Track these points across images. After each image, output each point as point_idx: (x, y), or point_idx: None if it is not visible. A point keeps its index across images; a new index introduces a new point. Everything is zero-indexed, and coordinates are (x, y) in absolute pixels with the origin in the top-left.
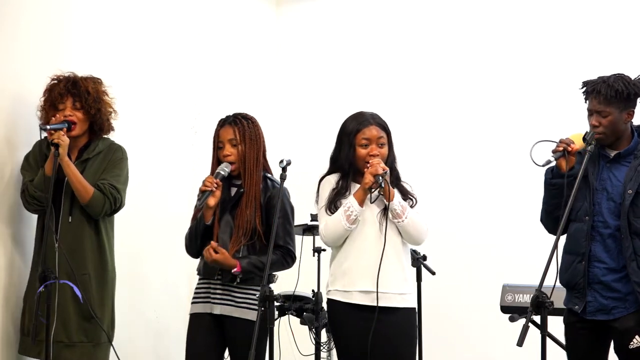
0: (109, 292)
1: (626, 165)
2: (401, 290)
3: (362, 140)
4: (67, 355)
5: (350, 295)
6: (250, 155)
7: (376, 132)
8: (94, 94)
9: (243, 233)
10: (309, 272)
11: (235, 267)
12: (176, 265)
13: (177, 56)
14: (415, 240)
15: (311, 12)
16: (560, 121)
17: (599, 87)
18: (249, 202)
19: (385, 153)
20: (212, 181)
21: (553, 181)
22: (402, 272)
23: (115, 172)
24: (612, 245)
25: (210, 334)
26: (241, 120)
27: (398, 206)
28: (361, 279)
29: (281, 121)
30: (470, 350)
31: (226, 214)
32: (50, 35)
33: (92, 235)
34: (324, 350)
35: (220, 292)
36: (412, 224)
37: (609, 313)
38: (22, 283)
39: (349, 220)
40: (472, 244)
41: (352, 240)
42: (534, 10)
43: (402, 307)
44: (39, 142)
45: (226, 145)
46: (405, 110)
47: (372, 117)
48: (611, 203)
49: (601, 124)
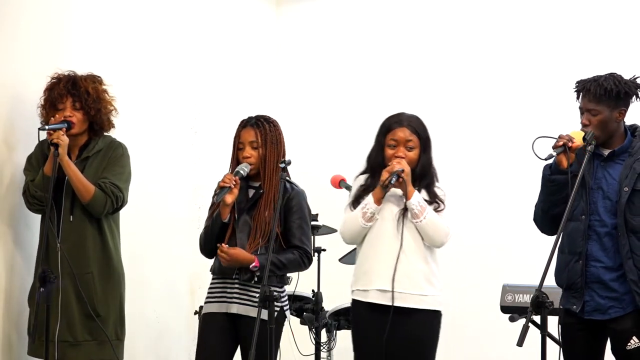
0: (114, 291)
1: (620, 164)
2: (421, 291)
3: (390, 141)
4: (72, 355)
5: (367, 294)
6: (271, 159)
7: (405, 134)
8: (93, 94)
9: (261, 235)
10: (309, 272)
11: (253, 262)
12: (176, 265)
13: (177, 56)
14: (433, 242)
15: (311, 12)
16: (559, 121)
17: (589, 86)
18: (268, 204)
19: (413, 157)
20: (231, 178)
21: (552, 177)
22: (423, 272)
23: (116, 170)
24: (609, 244)
25: (223, 334)
26: (263, 123)
27: (417, 206)
28: (378, 278)
29: (281, 121)
30: (470, 350)
31: (244, 214)
32: (50, 35)
33: (95, 234)
34: (324, 350)
35: (238, 291)
36: (431, 225)
37: (605, 313)
38: (23, 284)
39: (365, 217)
40: (472, 244)
41: (370, 239)
42: (533, 8)
43: (421, 309)
44: (40, 142)
45: (247, 146)
46: (404, 110)
47: (408, 119)
48: (607, 201)
49: (591, 122)
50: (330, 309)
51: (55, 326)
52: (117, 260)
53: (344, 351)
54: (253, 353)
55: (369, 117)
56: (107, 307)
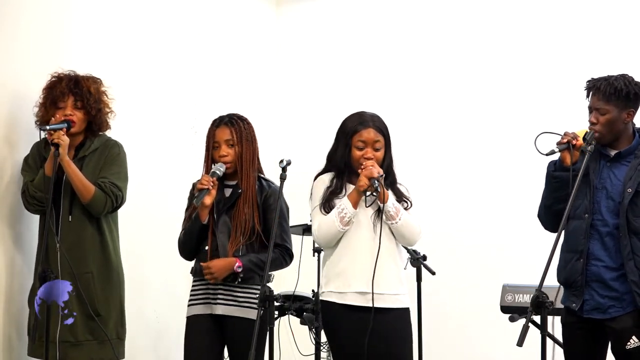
0: (114, 290)
1: (626, 165)
2: (395, 291)
3: (358, 142)
4: (74, 355)
5: (345, 296)
6: (247, 156)
7: (373, 135)
8: (95, 94)
9: (242, 232)
10: (309, 272)
11: (236, 263)
12: (176, 265)
13: (177, 56)
14: (409, 242)
15: (311, 12)
16: (559, 120)
17: (600, 84)
18: (247, 202)
19: (381, 157)
20: (209, 180)
21: (555, 174)
22: (397, 273)
23: (114, 169)
24: (610, 244)
25: (209, 336)
26: (237, 121)
27: (392, 208)
28: (356, 280)
29: (281, 121)
30: (470, 350)
31: (222, 214)
32: (50, 35)
33: (94, 233)
34: (324, 350)
35: (222, 293)
36: (406, 225)
37: (604, 312)
38: (23, 285)
39: (343, 222)
40: (472, 244)
41: (346, 242)
42: (534, 7)
43: (395, 308)
44: (37, 143)
45: (222, 145)
46: (404, 110)
47: (372, 119)
48: (610, 202)
49: (599, 121)
50: None
51: (56, 327)
52: (117, 260)
53: None
54: (253, 353)
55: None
56: (108, 306)
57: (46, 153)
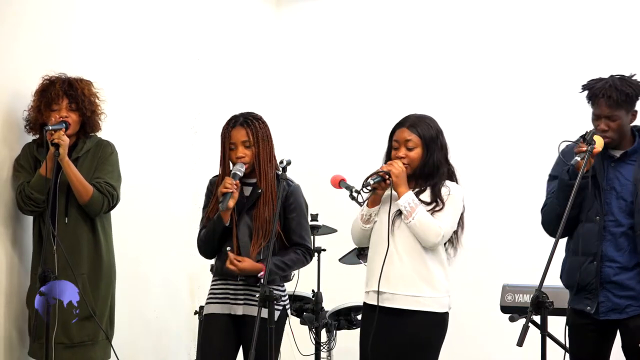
0: (106, 291)
1: (631, 164)
2: (416, 292)
3: (394, 142)
4: (67, 357)
5: (367, 295)
6: (264, 156)
7: (405, 134)
8: (88, 95)
9: (263, 234)
10: (309, 272)
11: (261, 270)
12: (176, 265)
13: (177, 56)
14: (424, 242)
15: (311, 12)
16: (558, 121)
17: (609, 92)
18: (267, 203)
19: (415, 156)
20: (232, 182)
21: (571, 182)
22: (421, 273)
23: (108, 169)
24: (625, 244)
25: (226, 335)
26: (253, 121)
27: (406, 206)
28: (372, 279)
29: (281, 121)
30: (470, 350)
31: (244, 214)
32: (51, 35)
33: (89, 234)
34: (324, 350)
35: (243, 293)
36: (420, 225)
37: (622, 312)
38: (22, 285)
39: (362, 219)
40: (472, 244)
41: (372, 241)
42: (536, 9)
43: (415, 311)
44: (27, 145)
45: (239, 146)
46: (404, 111)
47: (408, 119)
48: (621, 202)
49: (610, 128)
50: (330, 309)
51: (52, 327)
52: (109, 260)
53: (344, 351)
54: (253, 353)
55: (369, 117)
56: (100, 307)
57: (39, 154)
